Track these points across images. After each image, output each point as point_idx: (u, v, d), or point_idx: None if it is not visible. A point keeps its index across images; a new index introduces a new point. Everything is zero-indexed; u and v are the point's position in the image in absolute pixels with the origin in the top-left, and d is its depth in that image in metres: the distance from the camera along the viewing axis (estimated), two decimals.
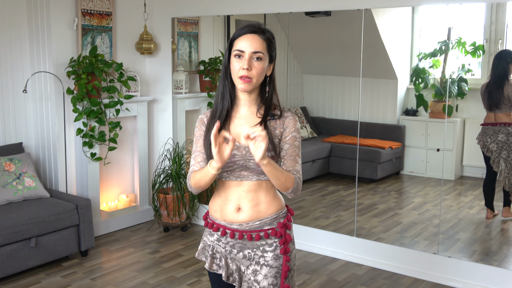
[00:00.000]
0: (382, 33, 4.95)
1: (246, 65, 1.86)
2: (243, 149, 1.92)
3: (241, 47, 1.88)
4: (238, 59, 1.88)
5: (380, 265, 3.95)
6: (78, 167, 4.42)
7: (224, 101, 1.96)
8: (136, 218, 4.85)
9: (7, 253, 3.56)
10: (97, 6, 4.43)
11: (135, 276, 3.78)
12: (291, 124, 1.98)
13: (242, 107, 1.97)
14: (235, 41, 1.91)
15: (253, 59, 1.88)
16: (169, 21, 4.82)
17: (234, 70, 1.90)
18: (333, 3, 4.01)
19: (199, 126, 2.03)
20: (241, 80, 1.88)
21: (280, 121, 1.97)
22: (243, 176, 1.94)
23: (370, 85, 5.30)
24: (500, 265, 3.75)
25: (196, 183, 1.95)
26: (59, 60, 4.22)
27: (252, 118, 1.96)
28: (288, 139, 1.96)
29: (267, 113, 1.96)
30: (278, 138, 1.96)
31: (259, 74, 1.90)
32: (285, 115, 1.99)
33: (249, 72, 1.87)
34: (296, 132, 1.98)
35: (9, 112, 4.27)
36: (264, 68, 1.91)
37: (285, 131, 1.96)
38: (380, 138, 5.48)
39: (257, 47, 1.89)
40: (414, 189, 5.42)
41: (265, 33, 1.93)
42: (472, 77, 5.12)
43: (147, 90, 4.92)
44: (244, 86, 1.88)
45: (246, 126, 1.94)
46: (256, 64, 1.89)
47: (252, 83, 1.89)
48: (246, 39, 1.89)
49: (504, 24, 4.94)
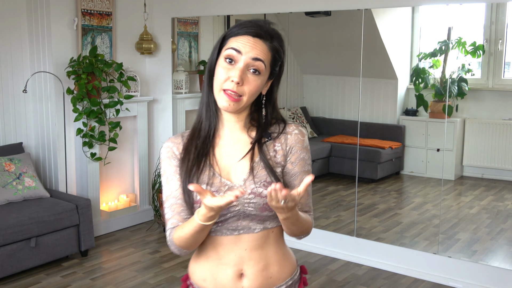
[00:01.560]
0: (382, 33, 4.95)
1: (237, 78, 1.32)
2: (237, 189, 1.32)
3: (238, 46, 1.35)
4: (228, 65, 1.35)
5: (380, 265, 3.95)
6: (78, 167, 4.42)
7: (211, 117, 1.43)
8: (136, 218, 4.85)
9: (7, 253, 3.56)
10: (97, 6, 4.43)
11: (135, 276, 3.78)
12: (298, 142, 1.44)
13: (227, 128, 1.44)
14: (230, 39, 1.38)
15: (249, 70, 1.35)
16: (169, 21, 4.82)
17: (218, 78, 1.36)
18: (333, 3, 4.01)
19: (168, 160, 1.44)
20: (225, 95, 1.34)
21: (282, 139, 1.44)
22: (242, 228, 1.40)
23: (370, 85, 5.30)
24: (500, 265, 3.75)
25: (182, 242, 1.38)
26: (59, 60, 4.22)
27: (243, 143, 1.43)
28: (296, 164, 1.43)
29: (262, 133, 1.44)
30: (281, 165, 1.43)
31: (252, 93, 1.36)
32: (288, 130, 1.45)
33: (239, 87, 1.34)
34: (305, 152, 1.45)
35: (9, 112, 4.27)
36: (260, 86, 1.38)
37: (290, 153, 1.43)
38: (380, 138, 5.48)
39: (259, 54, 1.35)
40: (414, 189, 5.42)
41: (273, 41, 1.39)
42: (472, 77, 5.12)
43: (147, 90, 4.92)
44: (227, 104, 1.34)
45: (235, 155, 1.42)
46: (251, 78, 1.35)
47: (240, 103, 1.35)
48: (246, 40, 1.36)
49: (504, 24, 4.94)
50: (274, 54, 1.40)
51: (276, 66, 1.42)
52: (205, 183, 1.38)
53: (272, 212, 1.39)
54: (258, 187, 1.38)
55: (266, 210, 1.38)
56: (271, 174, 1.39)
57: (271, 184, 1.34)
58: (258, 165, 1.40)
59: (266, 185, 1.38)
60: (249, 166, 1.40)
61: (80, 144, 4.28)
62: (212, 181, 1.38)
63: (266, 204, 1.37)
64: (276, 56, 1.40)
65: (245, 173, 1.40)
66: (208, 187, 1.37)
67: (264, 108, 1.45)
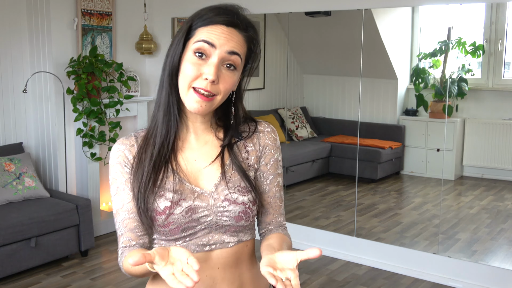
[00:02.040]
0: (382, 33, 4.95)
1: (213, 75, 1.13)
2: (208, 196, 1.21)
3: (211, 38, 1.14)
4: (199, 60, 1.15)
5: (380, 265, 3.95)
6: (78, 167, 4.42)
7: (170, 121, 1.23)
8: None
9: (7, 253, 3.56)
10: (97, 6, 4.43)
11: None
12: (272, 141, 1.31)
13: (192, 129, 1.26)
14: (199, 29, 1.17)
15: (224, 65, 1.17)
16: (169, 21, 4.81)
17: (185, 75, 1.17)
18: (333, 3, 4.01)
19: (118, 166, 1.25)
20: (195, 95, 1.15)
21: (255, 139, 1.30)
22: (214, 243, 1.22)
23: (370, 85, 5.30)
24: (500, 265, 3.75)
25: (132, 275, 1.19)
26: (59, 60, 4.22)
27: (210, 145, 1.27)
28: (271, 165, 1.30)
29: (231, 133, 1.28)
30: (254, 169, 1.29)
31: (227, 91, 1.19)
32: (260, 128, 1.31)
33: (213, 85, 1.15)
34: (278, 152, 1.32)
35: (9, 112, 4.27)
36: (235, 82, 1.21)
37: (264, 153, 1.29)
38: (380, 138, 5.48)
39: (235, 46, 1.17)
40: (414, 189, 5.42)
41: (248, 30, 1.21)
42: (472, 77, 5.12)
43: (147, 90, 4.92)
44: (199, 106, 1.16)
45: (203, 159, 1.25)
46: (226, 75, 1.17)
47: (212, 103, 1.18)
48: (220, 31, 1.16)
49: (504, 24, 4.94)
50: (249, 45, 1.22)
51: (249, 59, 1.24)
52: (171, 191, 1.19)
53: (248, 221, 1.24)
54: (232, 193, 1.22)
55: (241, 219, 1.22)
56: (244, 178, 1.24)
57: (245, 189, 1.23)
58: (230, 168, 1.25)
59: (241, 190, 1.23)
60: (221, 170, 1.24)
61: (80, 144, 4.28)
62: (179, 188, 1.20)
63: (242, 211, 1.22)
64: (251, 47, 1.23)
65: (216, 178, 1.24)
66: (176, 195, 1.19)
67: (233, 105, 1.27)
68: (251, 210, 1.23)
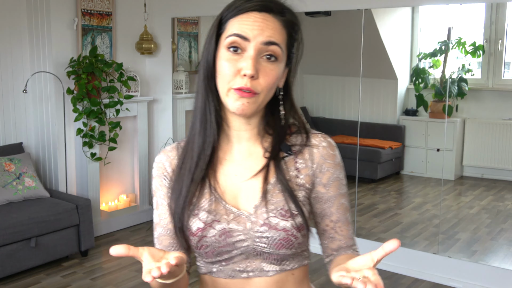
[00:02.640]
0: (382, 33, 4.95)
1: (251, 69, 1.00)
2: (246, 219, 1.07)
3: (242, 30, 1.02)
4: (234, 55, 1.02)
5: (380, 265, 3.93)
6: (78, 167, 4.42)
7: (207, 130, 1.09)
8: (136, 218, 4.85)
9: (7, 253, 3.56)
10: (97, 6, 4.43)
11: (135, 276, 3.78)
12: (329, 158, 1.13)
13: (235, 139, 1.12)
14: (230, 22, 1.05)
15: (263, 57, 1.03)
16: (169, 21, 4.82)
17: (223, 75, 1.03)
18: (333, 3, 4.01)
19: (158, 179, 1.16)
20: (237, 94, 1.02)
21: (306, 154, 1.12)
22: (252, 270, 1.10)
23: (370, 85, 5.30)
24: (500, 265, 3.75)
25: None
26: (59, 60, 4.22)
27: (256, 157, 1.12)
28: (330, 186, 1.13)
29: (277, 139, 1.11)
30: (305, 189, 1.11)
31: (270, 87, 1.05)
32: (313, 142, 1.13)
33: (254, 82, 1.01)
34: (339, 169, 1.14)
35: (9, 112, 4.27)
36: (278, 76, 1.06)
37: (320, 172, 1.12)
38: (380, 138, 5.48)
39: (272, 35, 1.02)
40: (414, 189, 5.42)
41: (285, 13, 1.07)
42: (472, 77, 5.13)
43: (147, 90, 4.92)
44: (242, 106, 1.02)
45: (245, 174, 1.11)
46: (267, 68, 1.03)
47: (256, 102, 1.04)
48: (252, 20, 1.02)
49: (504, 24, 4.94)
50: (289, 31, 1.07)
51: (292, 46, 1.09)
52: (206, 210, 1.08)
53: (291, 249, 1.08)
54: (272, 217, 1.06)
55: (283, 247, 1.06)
56: (290, 200, 1.07)
57: (289, 213, 1.06)
58: (274, 188, 1.08)
59: (284, 214, 1.06)
60: (262, 189, 1.08)
61: (80, 144, 4.28)
62: (214, 208, 1.08)
63: (283, 239, 1.06)
64: (292, 33, 1.08)
65: (257, 198, 1.08)
66: (210, 215, 1.07)
67: (282, 106, 1.11)
68: (295, 237, 1.07)
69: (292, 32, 1.08)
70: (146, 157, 4.87)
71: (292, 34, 1.08)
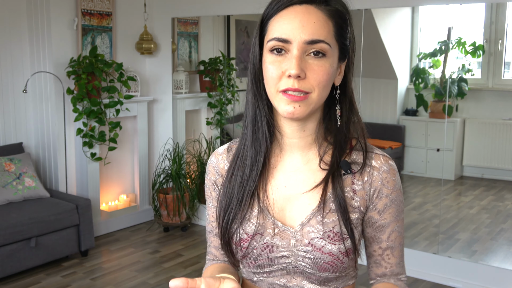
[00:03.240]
0: (382, 33, 4.95)
1: (295, 68, 0.93)
2: (290, 235, 1.02)
3: (282, 32, 0.95)
4: (278, 57, 0.96)
5: None
6: (78, 167, 4.42)
7: (259, 139, 1.04)
8: (136, 218, 4.85)
9: (7, 253, 3.56)
10: (97, 6, 4.43)
11: (135, 276, 3.78)
12: (389, 183, 1.04)
13: (288, 147, 1.05)
14: (271, 22, 0.99)
15: (309, 54, 0.95)
16: (169, 21, 4.82)
17: (269, 78, 0.97)
18: None
19: (208, 182, 1.14)
20: (287, 98, 0.95)
21: (365, 176, 1.03)
22: (292, 286, 1.05)
23: (370, 85, 5.30)
24: (500, 265, 3.75)
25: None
26: (59, 60, 4.22)
27: (307, 170, 1.04)
28: (385, 212, 1.05)
29: (340, 158, 1.03)
30: (359, 212, 1.04)
31: (322, 85, 0.96)
32: (374, 163, 1.04)
33: (302, 82, 0.95)
34: (397, 195, 1.05)
35: (9, 112, 4.28)
36: (331, 71, 0.98)
37: (377, 197, 1.04)
38: (380, 138, 5.48)
39: (315, 32, 0.95)
40: (414, 189, 5.42)
41: (330, 2, 0.99)
42: (472, 77, 5.13)
43: (147, 90, 4.92)
44: (292, 109, 0.95)
45: (296, 187, 1.04)
46: (315, 65, 0.95)
47: (309, 103, 0.96)
48: (292, 16, 0.95)
49: (504, 24, 4.94)
50: (336, 21, 0.98)
51: (344, 37, 1.00)
52: (252, 222, 1.04)
53: (335, 273, 1.02)
54: (319, 238, 1.00)
55: (327, 270, 1.01)
56: (343, 222, 0.99)
57: (339, 236, 0.99)
58: (327, 207, 1.01)
59: (332, 236, 0.99)
60: (316, 205, 1.01)
61: (80, 144, 4.28)
62: (260, 220, 1.03)
63: (328, 263, 1.00)
64: (340, 23, 0.99)
65: (305, 215, 1.02)
66: (255, 227, 1.03)
67: (338, 106, 1.03)
68: (340, 262, 1.00)
69: (341, 22, 0.99)
70: (146, 157, 4.87)
71: (341, 25, 0.99)
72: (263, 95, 1.02)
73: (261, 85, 1.02)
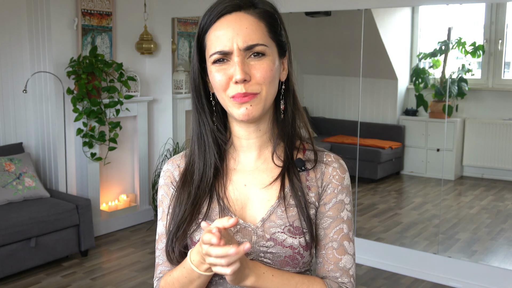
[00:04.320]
0: (382, 33, 4.95)
1: (239, 74, 0.97)
2: (252, 231, 1.04)
3: (221, 45, 0.99)
4: (221, 65, 1.00)
5: (380, 265, 3.95)
6: (78, 167, 4.42)
7: (206, 152, 1.07)
8: (136, 218, 4.85)
9: (7, 253, 3.56)
10: (97, 6, 4.43)
11: (135, 276, 3.78)
12: (337, 180, 1.08)
13: (245, 148, 1.08)
14: (207, 36, 1.02)
15: (250, 57, 0.99)
16: (169, 21, 4.82)
17: (218, 87, 1.00)
18: (333, 3, 4.01)
19: (165, 188, 1.14)
20: (237, 102, 0.99)
21: (318, 172, 1.08)
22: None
23: (370, 85, 5.30)
24: (500, 265, 3.75)
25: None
26: (59, 60, 4.22)
27: (265, 169, 1.08)
28: (330, 207, 1.07)
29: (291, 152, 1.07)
30: (315, 207, 1.07)
31: (268, 81, 1.00)
32: (324, 160, 1.09)
33: (249, 85, 0.98)
34: (344, 193, 1.09)
35: (9, 112, 4.27)
36: (274, 68, 1.01)
37: (325, 192, 1.07)
38: (380, 138, 5.48)
39: (250, 37, 0.98)
40: (414, 189, 5.42)
41: (257, 5, 1.03)
42: (472, 77, 5.13)
43: (147, 90, 4.92)
44: (247, 111, 0.99)
45: (255, 186, 1.07)
46: (257, 65, 0.99)
47: (260, 101, 1.00)
48: (225, 26, 0.99)
49: (504, 24, 4.94)
50: (268, 20, 1.02)
51: (279, 34, 1.04)
52: (211, 220, 1.04)
53: (296, 268, 1.04)
54: (280, 233, 1.02)
55: (288, 265, 1.03)
56: (302, 216, 1.02)
57: (299, 230, 1.02)
58: (286, 202, 1.04)
59: (293, 230, 1.02)
60: (275, 201, 1.04)
61: (80, 144, 4.28)
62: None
63: (289, 256, 1.02)
64: (271, 22, 1.03)
65: (265, 211, 1.05)
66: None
67: (282, 100, 1.06)
68: (301, 256, 1.03)
69: (271, 21, 1.03)
70: (146, 157, 4.87)
71: (272, 23, 1.03)
72: (205, 108, 1.06)
73: (202, 98, 1.06)
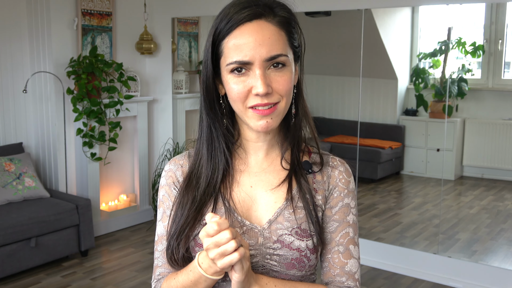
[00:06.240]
0: (382, 33, 4.95)
1: (262, 87, 0.95)
2: (258, 233, 1.02)
3: (242, 54, 0.96)
4: (240, 76, 0.97)
5: (380, 265, 3.95)
6: (78, 167, 4.42)
7: (217, 158, 1.06)
8: (136, 218, 4.85)
9: (7, 253, 3.56)
10: (97, 6, 4.43)
11: (135, 276, 3.78)
12: (343, 184, 1.08)
13: (252, 150, 1.07)
14: (225, 43, 0.99)
15: (270, 68, 0.98)
16: (169, 21, 4.82)
17: (236, 98, 0.98)
18: (333, 3, 4.01)
19: (167, 188, 1.11)
20: (257, 114, 0.98)
21: (325, 176, 1.08)
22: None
23: (370, 85, 5.30)
24: (500, 265, 3.75)
25: None
26: (59, 60, 4.22)
27: (272, 170, 1.07)
28: (337, 211, 1.07)
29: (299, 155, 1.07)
30: (322, 210, 1.06)
31: (288, 92, 1.00)
32: (330, 163, 1.09)
33: (271, 96, 0.97)
34: (350, 196, 1.08)
35: (9, 112, 4.27)
36: (292, 77, 1.01)
37: (331, 195, 1.07)
38: (380, 138, 5.48)
39: (273, 47, 0.96)
40: (414, 189, 5.42)
41: (277, 12, 0.99)
42: (472, 77, 5.13)
43: (147, 90, 4.92)
44: (265, 123, 0.98)
45: (261, 187, 1.06)
46: (278, 77, 0.98)
47: (278, 113, 1.00)
48: (247, 36, 0.96)
49: (504, 24, 4.94)
50: (287, 28, 1.00)
51: (294, 40, 1.02)
52: None
53: (302, 271, 1.02)
54: (287, 235, 1.01)
55: (294, 267, 1.01)
56: (310, 219, 1.02)
57: (306, 233, 1.01)
58: (294, 204, 1.04)
59: (300, 233, 1.01)
60: (282, 203, 1.04)
61: (80, 144, 4.28)
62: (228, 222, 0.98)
63: (296, 259, 1.01)
64: (290, 29, 1.01)
65: (272, 213, 1.04)
66: None
67: (293, 105, 1.05)
68: (307, 259, 1.02)
69: (290, 29, 1.01)
70: (146, 157, 4.87)
71: (291, 31, 1.02)
72: (217, 114, 1.04)
73: (215, 104, 1.04)
